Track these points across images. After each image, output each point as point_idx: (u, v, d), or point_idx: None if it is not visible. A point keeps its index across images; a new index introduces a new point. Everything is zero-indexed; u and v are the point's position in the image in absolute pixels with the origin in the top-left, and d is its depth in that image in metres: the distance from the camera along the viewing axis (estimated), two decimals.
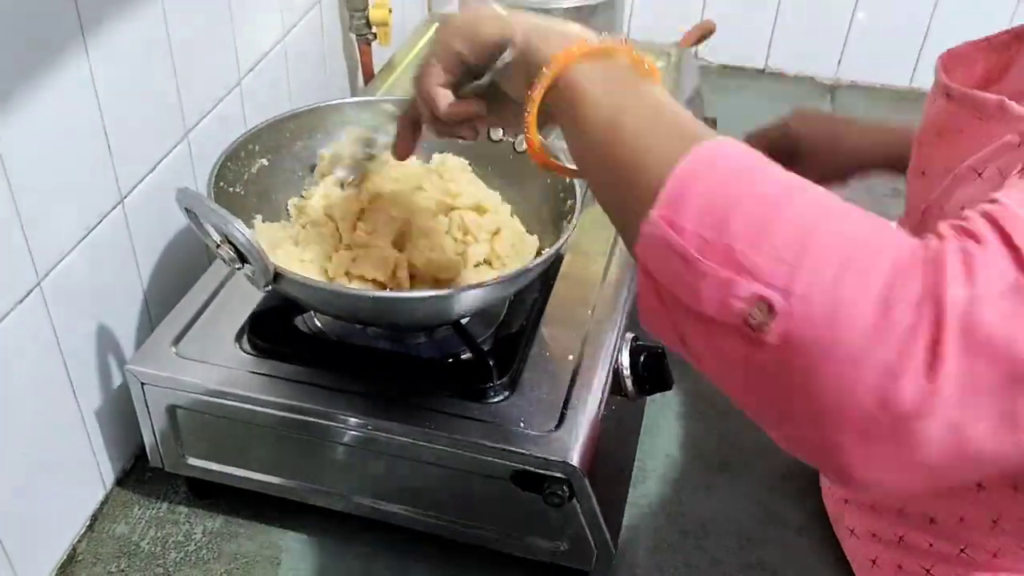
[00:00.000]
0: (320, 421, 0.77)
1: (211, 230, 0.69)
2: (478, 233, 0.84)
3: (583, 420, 0.76)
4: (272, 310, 0.84)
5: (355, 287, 0.76)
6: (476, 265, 0.84)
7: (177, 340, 0.82)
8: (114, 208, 0.83)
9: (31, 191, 0.71)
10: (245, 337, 0.83)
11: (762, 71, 1.76)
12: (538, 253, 0.85)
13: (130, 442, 0.90)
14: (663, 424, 1.00)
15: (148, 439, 0.84)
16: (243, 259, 0.69)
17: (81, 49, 0.75)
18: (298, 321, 0.85)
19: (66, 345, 0.79)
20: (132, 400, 0.82)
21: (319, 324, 0.85)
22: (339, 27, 1.33)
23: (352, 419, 0.76)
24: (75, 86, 0.75)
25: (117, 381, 0.87)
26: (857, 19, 1.69)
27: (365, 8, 1.31)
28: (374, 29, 1.34)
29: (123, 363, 0.87)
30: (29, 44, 0.68)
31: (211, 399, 0.79)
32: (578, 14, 1.11)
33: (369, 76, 1.38)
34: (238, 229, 0.64)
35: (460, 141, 0.69)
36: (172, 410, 0.81)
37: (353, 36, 1.35)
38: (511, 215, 0.89)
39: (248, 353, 0.81)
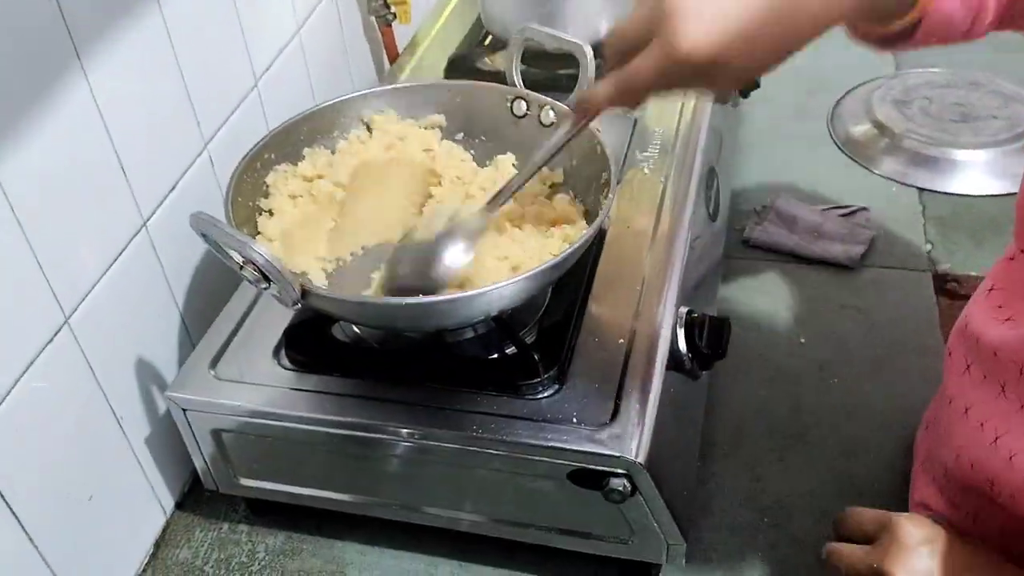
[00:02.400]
0: (366, 434, 0.74)
1: (232, 253, 0.66)
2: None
3: (639, 409, 0.72)
4: (307, 322, 0.81)
5: (383, 298, 0.72)
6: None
7: (215, 362, 0.80)
8: (137, 233, 0.81)
9: (45, 227, 0.69)
10: (283, 352, 0.80)
11: None
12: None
13: (186, 465, 0.89)
14: (729, 395, 0.94)
15: (199, 463, 0.83)
16: (268, 279, 0.66)
17: (77, 70, 0.72)
18: (335, 330, 0.82)
19: (104, 378, 0.77)
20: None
21: (356, 330, 0.82)
22: (357, 12, 1.28)
23: (398, 429, 0.73)
24: (77, 110, 0.72)
25: (163, 408, 0.86)
26: None
27: None
28: (393, 9, 1.29)
29: (164, 389, 0.85)
30: (18, 71, 0.65)
31: (254, 420, 0.77)
32: None
33: (393, 57, 1.34)
34: (258, 252, 0.61)
35: None
36: (217, 434, 0.79)
37: (373, 19, 1.30)
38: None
39: (287, 368, 0.79)
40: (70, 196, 0.72)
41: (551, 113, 0.86)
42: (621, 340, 0.77)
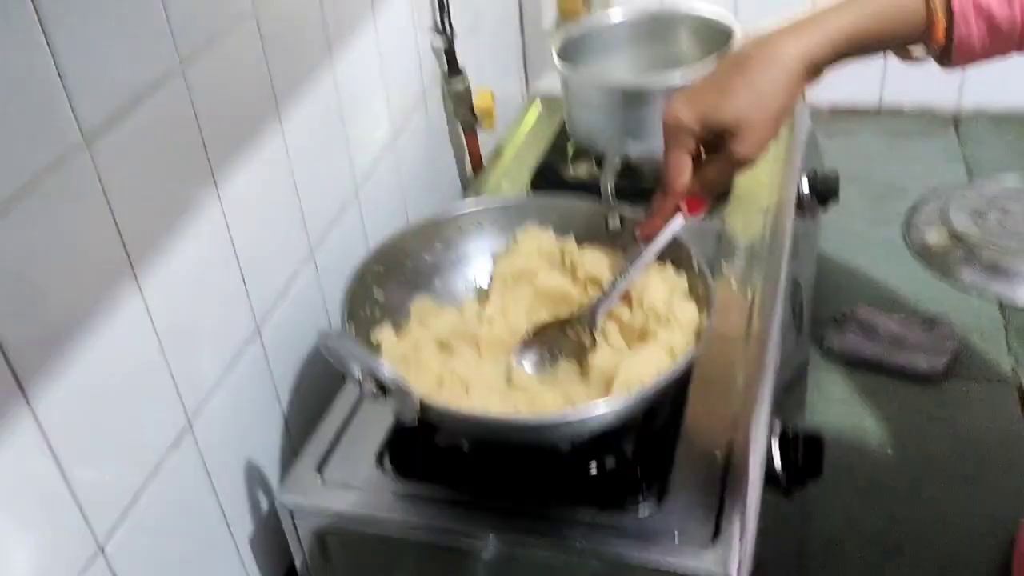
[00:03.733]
0: (467, 540, 0.76)
1: (354, 367, 0.69)
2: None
3: (741, 528, 0.72)
4: (412, 429, 0.84)
5: (504, 415, 0.74)
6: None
7: (321, 465, 0.83)
8: (252, 338, 0.85)
9: (176, 334, 0.73)
10: (386, 458, 0.83)
11: (877, 110, 1.69)
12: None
13: (283, 560, 0.91)
14: (822, 507, 0.95)
15: (299, 562, 0.85)
16: (386, 392, 0.69)
17: (212, 192, 0.77)
18: (437, 437, 0.84)
19: (218, 480, 0.80)
20: (281, 524, 0.83)
21: (459, 440, 0.85)
22: (444, 121, 1.34)
23: (499, 538, 0.75)
24: (208, 227, 0.77)
25: (265, 507, 0.89)
26: None
27: (469, 98, 1.32)
28: (479, 117, 1.35)
29: (267, 489, 0.88)
30: (163, 188, 0.71)
31: (358, 524, 0.79)
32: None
33: (478, 164, 1.39)
34: (383, 371, 0.64)
35: None
36: (321, 536, 0.82)
37: (459, 127, 1.36)
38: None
39: (390, 475, 0.81)
40: (198, 305, 0.77)
41: None
42: (718, 453, 0.79)
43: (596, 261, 0.90)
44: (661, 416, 0.83)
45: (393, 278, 0.88)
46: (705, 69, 0.76)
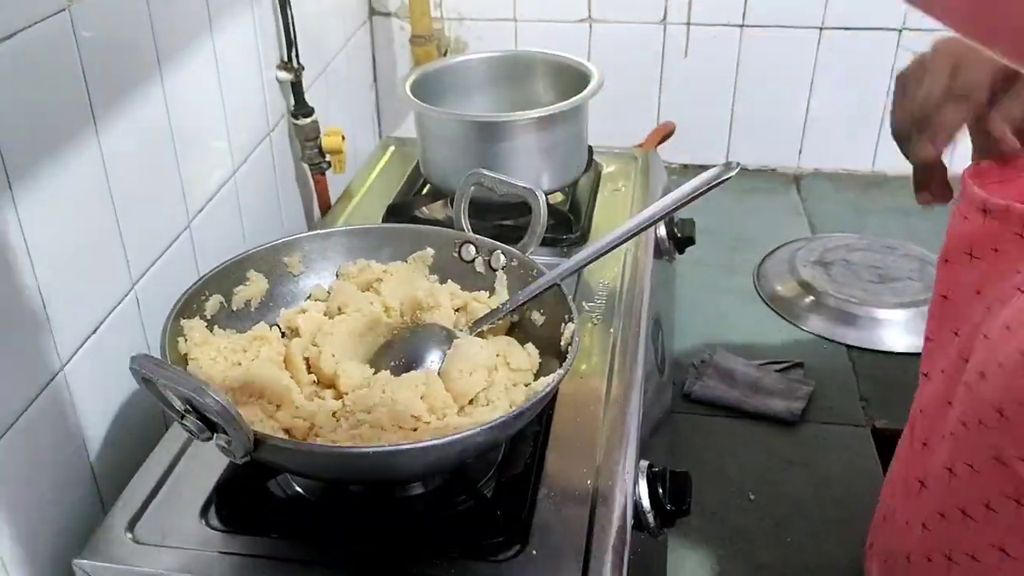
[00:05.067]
0: None
1: (174, 399, 0.60)
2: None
3: (611, 570, 0.66)
4: (240, 476, 0.74)
5: (349, 445, 0.66)
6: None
7: (132, 524, 0.71)
8: (51, 380, 0.74)
9: None
10: (212, 511, 0.72)
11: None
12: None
13: None
14: (686, 557, 0.90)
15: None
16: (212, 428, 0.59)
17: (8, 203, 0.67)
18: (272, 485, 0.75)
19: (3, 542, 0.68)
20: None
21: (296, 486, 0.75)
22: (291, 159, 1.27)
23: None
24: (2, 242, 0.66)
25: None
26: (812, 108, 1.68)
27: (317, 137, 1.25)
28: (328, 158, 1.28)
29: (63, 554, 0.75)
30: None
31: None
32: (541, 124, 1.06)
33: (326, 207, 1.32)
34: (214, 397, 0.55)
35: None
36: None
37: (306, 167, 1.29)
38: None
39: (217, 529, 0.71)
40: None
41: (501, 257, 0.84)
42: (584, 494, 0.73)
43: (438, 293, 0.83)
44: (521, 457, 0.76)
45: (222, 309, 0.79)
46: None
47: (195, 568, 0.68)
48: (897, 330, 1.24)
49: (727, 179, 0.74)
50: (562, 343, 0.75)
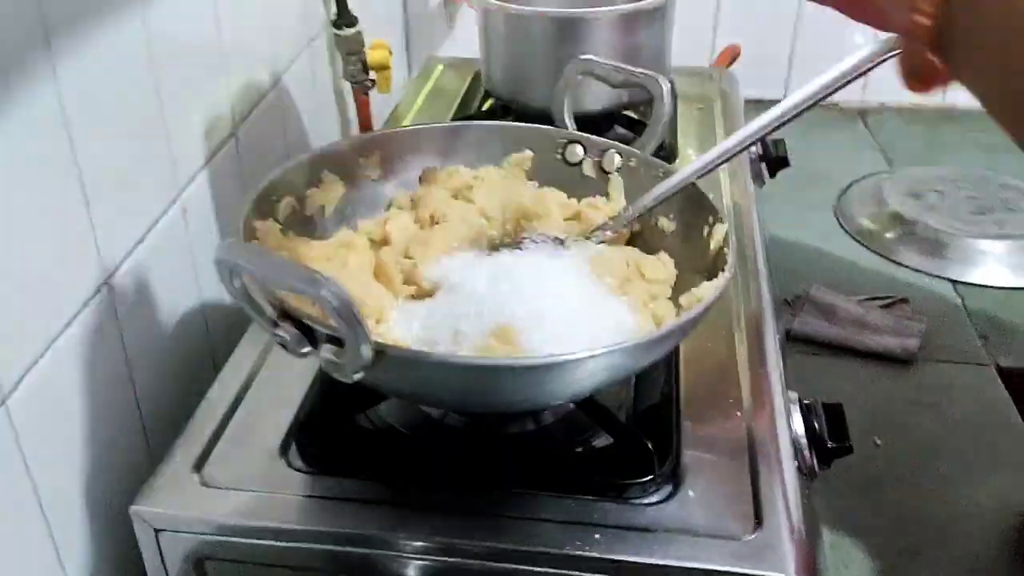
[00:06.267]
0: (414, 558, 0.55)
1: (263, 304, 0.47)
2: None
3: (787, 515, 0.55)
4: (327, 408, 0.62)
5: (492, 358, 0.53)
6: None
7: (199, 464, 0.59)
8: (97, 292, 0.61)
9: None
10: (292, 448, 0.60)
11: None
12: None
13: None
14: (821, 510, 0.79)
15: None
16: (312, 339, 0.47)
17: (50, 72, 0.54)
18: (360, 419, 0.63)
19: (42, 482, 0.55)
20: (140, 553, 0.58)
21: (389, 419, 0.63)
22: (330, 76, 1.13)
23: (466, 547, 0.54)
24: (40, 123, 0.54)
25: (112, 525, 0.63)
26: (857, 44, 1.56)
27: (361, 50, 1.12)
28: (372, 75, 1.14)
29: (113, 498, 0.63)
30: None
31: (257, 541, 0.56)
32: (627, 22, 0.94)
33: (367, 132, 1.19)
34: (333, 290, 0.42)
35: None
36: (200, 564, 0.58)
37: (348, 84, 1.15)
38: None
39: (300, 470, 0.59)
40: (25, 240, 0.52)
41: (616, 158, 0.72)
42: (735, 430, 0.61)
43: (546, 199, 0.71)
44: (655, 387, 0.65)
45: (295, 213, 0.66)
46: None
47: (276, 514, 0.56)
48: (1002, 263, 1.13)
49: (891, 56, 0.62)
50: (712, 247, 0.62)
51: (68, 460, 0.59)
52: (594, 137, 0.73)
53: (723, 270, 0.57)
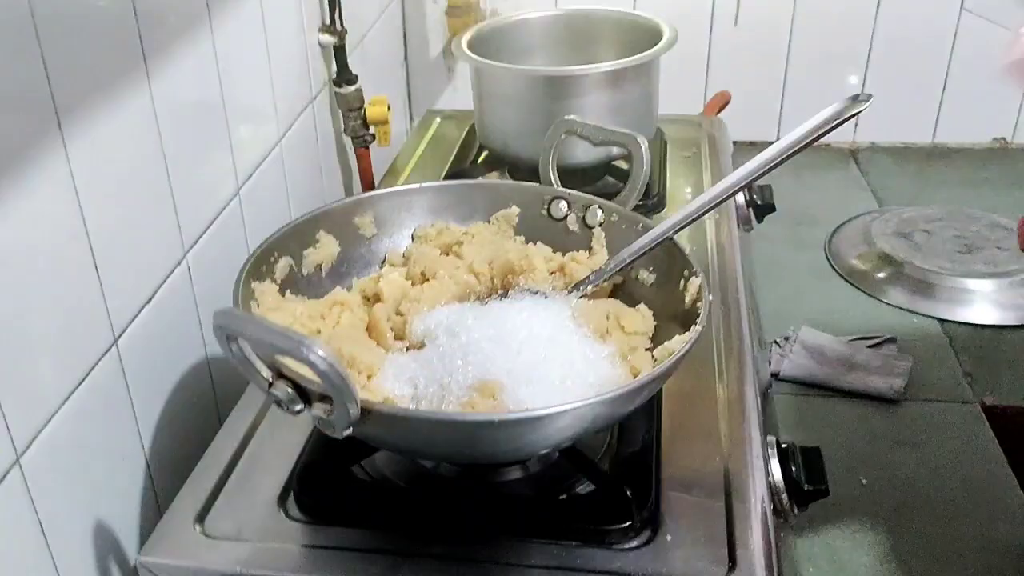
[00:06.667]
0: None
1: (259, 366, 0.51)
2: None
3: (762, 561, 0.57)
4: (323, 460, 0.65)
5: (473, 414, 0.56)
6: None
7: (202, 516, 0.62)
8: (107, 351, 0.64)
9: (3, 339, 0.52)
10: (290, 499, 0.63)
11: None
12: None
13: None
14: (807, 547, 0.81)
15: None
16: (306, 397, 0.50)
17: (57, 138, 0.58)
18: (355, 470, 0.66)
19: (53, 538, 0.58)
20: None
21: (383, 469, 0.66)
22: (332, 133, 1.18)
23: None
24: (52, 191, 0.57)
25: None
26: (868, 79, 1.60)
27: (361, 107, 1.16)
28: (372, 130, 1.19)
29: (120, 556, 0.66)
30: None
31: None
32: (613, 79, 0.97)
33: (368, 184, 1.23)
34: (320, 354, 0.46)
35: None
36: None
37: (349, 140, 1.20)
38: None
39: (297, 520, 0.62)
40: (38, 303, 0.56)
41: (599, 212, 0.75)
42: (713, 475, 0.64)
43: (532, 254, 0.74)
44: (636, 435, 0.67)
45: (292, 273, 0.70)
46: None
47: (276, 563, 0.59)
48: (989, 301, 1.16)
49: (858, 113, 0.66)
50: (687, 299, 0.65)
51: (79, 514, 0.62)
52: (577, 193, 0.77)
53: (695, 323, 0.60)
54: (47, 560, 0.58)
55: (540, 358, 0.62)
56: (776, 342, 1.09)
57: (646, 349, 0.66)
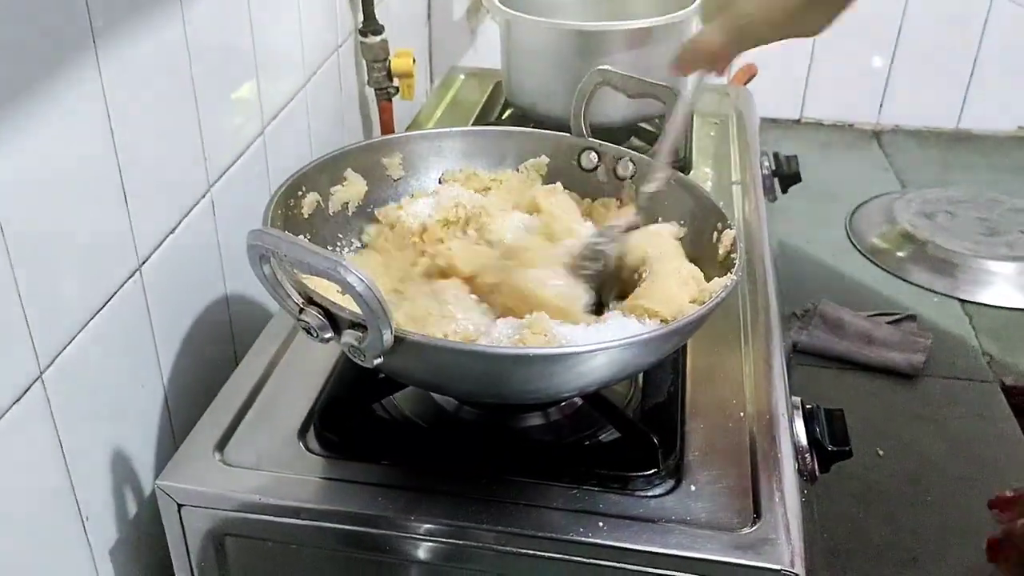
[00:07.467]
0: (425, 539, 0.57)
1: (291, 290, 0.50)
2: None
3: (784, 510, 0.57)
4: (343, 395, 0.64)
5: (505, 347, 0.55)
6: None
7: (222, 444, 0.62)
8: (130, 277, 0.64)
9: (32, 254, 0.52)
10: (311, 433, 0.63)
11: (797, 121, 1.64)
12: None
13: None
14: (821, 514, 0.80)
15: None
16: (336, 326, 0.50)
17: (94, 67, 0.57)
18: (376, 408, 0.65)
19: (73, 457, 0.58)
20: (162, 527, 0.60)
21: (404, 409, 0.66)
22: (355, 83, 1.16)
23: (475, 531, 0.56)
24: (85, 107, 0.56)
25: (136, 501, 0.66)
26: (895, 62, 1.58)
27: (386, 58, 1.15)
28: (396, 82, 1.17)
29: (138, 477, 0.65)
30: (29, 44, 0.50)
31: (274, 519, 0.58)
32: (647, 37, 0.96)
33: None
34: (357, 275, 0.45)
35: None
36: (220, 539, 0.60)
37: (372, 91, 1.18)
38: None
39: (318, 454, 0.61)
40: (65, 223, 0.55)
41: (630, 165, 0.74)
42: (737, 429, 0.63)
43: (563, 205, 0.74)
44: (662, 384, 0.67)
45: (319, 209, 0.69)
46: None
47: (294, 494, 0.58)
48: (1010, 284, 1.15)
49: None
50: (720, 251, 0.65)
51: (97, 437, 0.61)
52: (609, 144, 0.76)
53: (731, 272, 0.59)
54: (64, 477, 0.57)
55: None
56: (796, 314, 1.08)
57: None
